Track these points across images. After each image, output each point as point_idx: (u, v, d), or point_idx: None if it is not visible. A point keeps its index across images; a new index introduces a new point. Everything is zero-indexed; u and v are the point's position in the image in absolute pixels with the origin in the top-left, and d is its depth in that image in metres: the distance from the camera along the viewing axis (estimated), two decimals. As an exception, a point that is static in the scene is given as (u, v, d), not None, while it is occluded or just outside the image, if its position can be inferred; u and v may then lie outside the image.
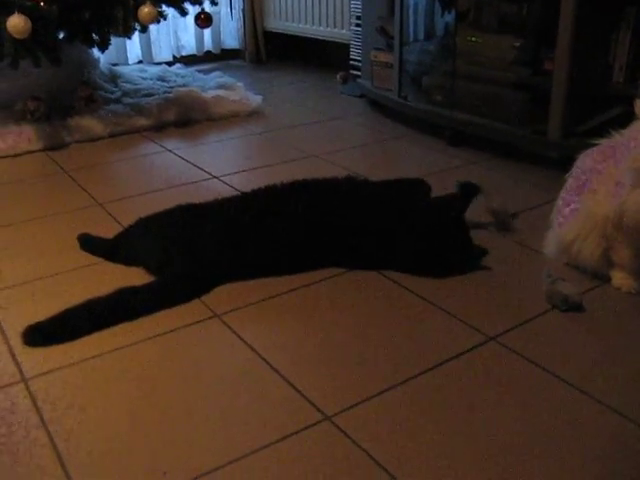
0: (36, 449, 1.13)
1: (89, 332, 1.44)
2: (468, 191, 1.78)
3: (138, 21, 2.71)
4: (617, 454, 1.11)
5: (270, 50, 4.38)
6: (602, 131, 1.69)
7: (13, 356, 1.38)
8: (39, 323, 1.43)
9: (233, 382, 1.29)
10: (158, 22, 2.81)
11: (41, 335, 1.42)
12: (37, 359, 1.36)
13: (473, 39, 2.59)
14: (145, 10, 2.64)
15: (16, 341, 1.42)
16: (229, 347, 1.40)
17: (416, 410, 1.21)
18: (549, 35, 2.25)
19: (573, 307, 1.52)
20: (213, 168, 2.45)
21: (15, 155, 2.62)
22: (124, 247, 1.74)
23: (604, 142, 1.65)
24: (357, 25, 3.41)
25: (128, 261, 1.72)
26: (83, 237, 1.83)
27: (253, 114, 3.17)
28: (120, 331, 1.46)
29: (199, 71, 3.78)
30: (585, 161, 1.65)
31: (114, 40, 3.12)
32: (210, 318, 1.50)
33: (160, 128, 2.94)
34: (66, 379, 1.31)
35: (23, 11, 2.37)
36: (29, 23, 2.38)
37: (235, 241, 1.66)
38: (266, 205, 1.73)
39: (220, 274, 1.64)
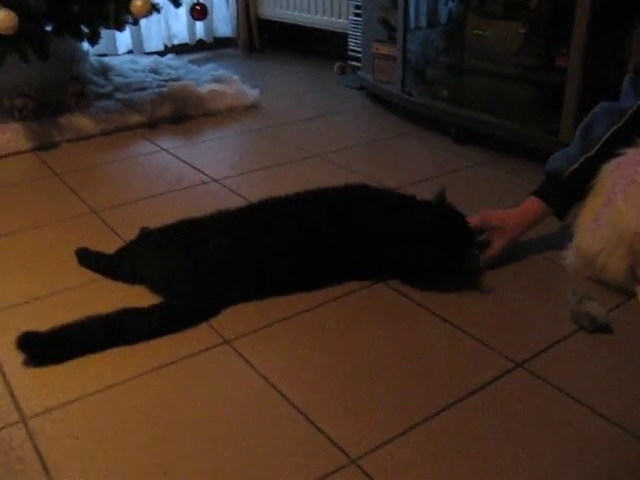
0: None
1: (87, 352, 1.36)
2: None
3: (131, 14, 2.59)
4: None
5: (264, 39, 4.25)
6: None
7: (12, 395, 1.28)
8: (37, 332, 1.35)
9: (248, 420, 1.21)
10: (151, 15, 2.68)
11: (36, 345, 1.34)
12: (36, 396, 1.27)
13: (480, 32, 2.50)
14: (138, 3, 2.53)
15: (15, 377, 1.33)
16: (241, 379, 1.31)
17: (445, 448, 1.13)
18: (561, 26, 2.17)
19: (601, 328, 1.44)
20: (212, 170, 2.35)
21: (2, 156, 2.50)
22: (127, 263, 1.64)
23: (630, 151, 1.57)
24: (356, 14, 3.30)
25: (131, 278, 1.62)
26: (82, 251, 1.73)
27: (250, 108, 3.06)
28: (122, 360, 1.36)
29: (192, 61, 3.67)
30: (611, 171, 1.57)
31: (103, 30, 2.99)
32: (220, 345, 1.41)
33: (154, 125, 2.83)
34: (65, 420, 1.21)
35: (9, 5, 2.25)
36: (15, 18, 2.26)
37: (241, 258, 1.56)
38: (276, 219, 1.63)
39: (227, 294, 1.55)
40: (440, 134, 2.65)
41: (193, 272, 1.54)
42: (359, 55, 3.31)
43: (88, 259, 1.71)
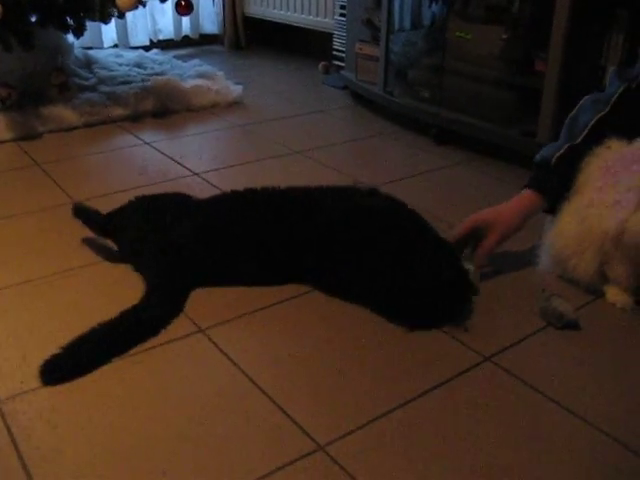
0: (10, 474, 1.06)
1: (106, 361, 1.34)
2: None
3: (116, 7, 2.61)
4: (621, 490, 1.08)
5: (250, 36, 4.28)
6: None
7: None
8: (56, 357, 1.31)
9: (221, 407, 1.23)
10: (136, 8, 2.70)
11: (61, 370, 1.30)
12: (11, 383, 1.29)
13: (462, 34, 2.53)
14: (124, -4, 2.54)
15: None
16: (216, 367, 1.33)
17: (412, 437, 1.16)
18: (540, 31, 2.21)
19: (569, 325, 1.48)
20: (193, 164, 2.37)
21: (-16, 145, 2.51)
22: (114, 224, 1.70)
23: (607, 151, 1.60)
24: (341, 15, 3.33)
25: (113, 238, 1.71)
26: (78, 206, 1.77)
27: (233, 104, 3.08)
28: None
29: (177, 57, 3.68)
30: (583, 174, 1.61)
31: (89, 22, 3.00)
32: (195, 333, 1.43)
33: (137, 118, 2.85)
34: (42, 404, 1.23)
35: (-6, -5, 2.26)
36: (0, 7, 2.27)
37: (210, 239, 1.61)
38: (254, 210, 1.66)
39: (191, 277, 1.59)
40: (421, 134, 2.69)
41: (159, 238, 1.60)
42: (343, 55, 3.34)
43: (83, 214, 1.75)
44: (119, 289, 1.57)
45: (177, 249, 1.59)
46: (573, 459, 1.13)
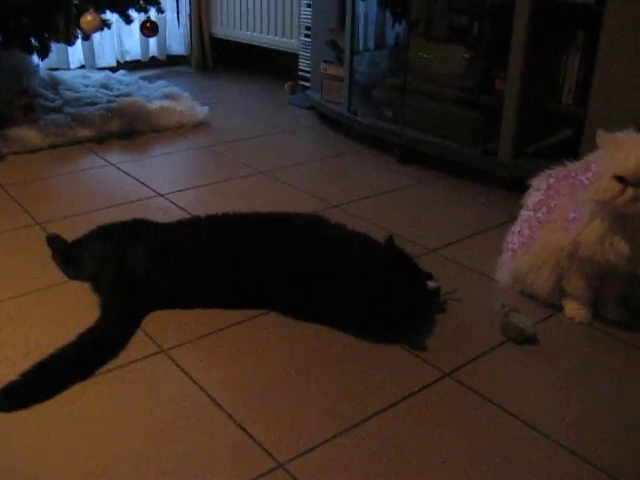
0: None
1: (65, 387, 1.32)
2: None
3: (81, 29, 2.61)
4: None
5: (216, 57, 4.30)
6: (551, 152, 1.69)
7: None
8: (13, 383, 1.30)
9: (182, 426, 1.23)
10: (101, 30, 2.70)
11: (17, 397, 1.29)
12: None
13: (425, 55, 2.58)
14: (88, 18, 2.55)
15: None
16: (177, 387, 1.33)
17: (371, 455, 1.17)
18: (500, 51, 2.25)
19: (528, 340, 1.51)
20: (158, 185, 2.37)
21: (-53, 167, 2.49)
22: (74, 253, 1.75)
23: (558, 171, 1.64)
24: (306, 35, 3.37)
25: (76, 268, 1.73)
26: (50, 236, 1.87)
27: (199, 125, 3.09)
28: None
29: (144, 78, 3.68)
30: (539, 189, 1.64)
31: (55, 44, 3.00)
32: (156, 354, 1.43)
33: (103, 140, 2.84)
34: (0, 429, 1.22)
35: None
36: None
37: (166, 262, 1.62)
38: (219, 236, 1.66)
39: (150, 297, 1.60)
40: (385, 153, 2.72)
41: (119, 276, 1.61)
42: (309, 75, 3.38)
43: (53, 243, 1.85)
44: (84, 309, 1.56)
45: (130, 273, 1.60)
46: (531, 471, 1.15)
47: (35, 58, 2.97)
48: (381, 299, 1.48)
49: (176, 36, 4.27)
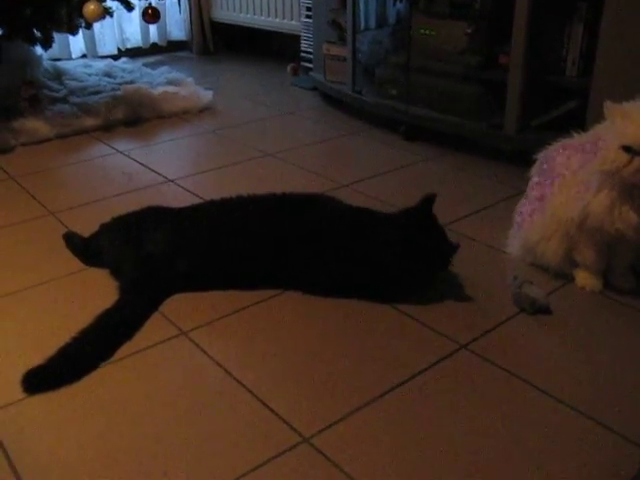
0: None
1: (93, 367, 1.37)
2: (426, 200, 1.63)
3: (83, 18, 2.62)
4: (590, 459, 1.12)
5: (218, 41, 4.30)
6: (556, 125, 1.70)
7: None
8: (39, 367, 1.33)
9: (207, 405, 1.26)
10: (104, 19, 2.71)
11: (44, 379, 1.33)
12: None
13: (427, 31, 2.58)
14: (91, 7, 2.56)
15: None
16: (199, 367, 1.36)
17: (393, 426, 1.20)
18: (502, 25, 2.26)
19: (540, 310, 1.53)
20: (168, 171, 2.39)
21: (-43, 160, 2.51)
22: (93, 247, 1.75)
23: (567, 141, 1.65)
24: (308, 16, 3.37)
25: (97, 262, 1.74)
26: (66, 234, 1.86)
27: (204, 110, 3.10)
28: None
29: (146, 65, 3.69)
30: (548, 161, 1.66)
31: (56, 34, 3.00)
32: (177, 336, 1.46)
33: (109, 128, 2.86)
34: (30, 413, 1.25)
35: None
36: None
37: (185, 245, 1.64)
38: (232, 218, 1.69)
39: (171, 280, 1.63)
40: (390, 131, 2.73)
41: (137, 256, 1.64)
42: (311, 56, 3.38)
43: (71, 241, 1.84)
44: (100, 296, 1.59)
45: (150, 258, 1.62)
46: (549, 437, 1.17)
47: (38, 49, 2.98)
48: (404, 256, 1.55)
49: (177, 22, 4.27)
